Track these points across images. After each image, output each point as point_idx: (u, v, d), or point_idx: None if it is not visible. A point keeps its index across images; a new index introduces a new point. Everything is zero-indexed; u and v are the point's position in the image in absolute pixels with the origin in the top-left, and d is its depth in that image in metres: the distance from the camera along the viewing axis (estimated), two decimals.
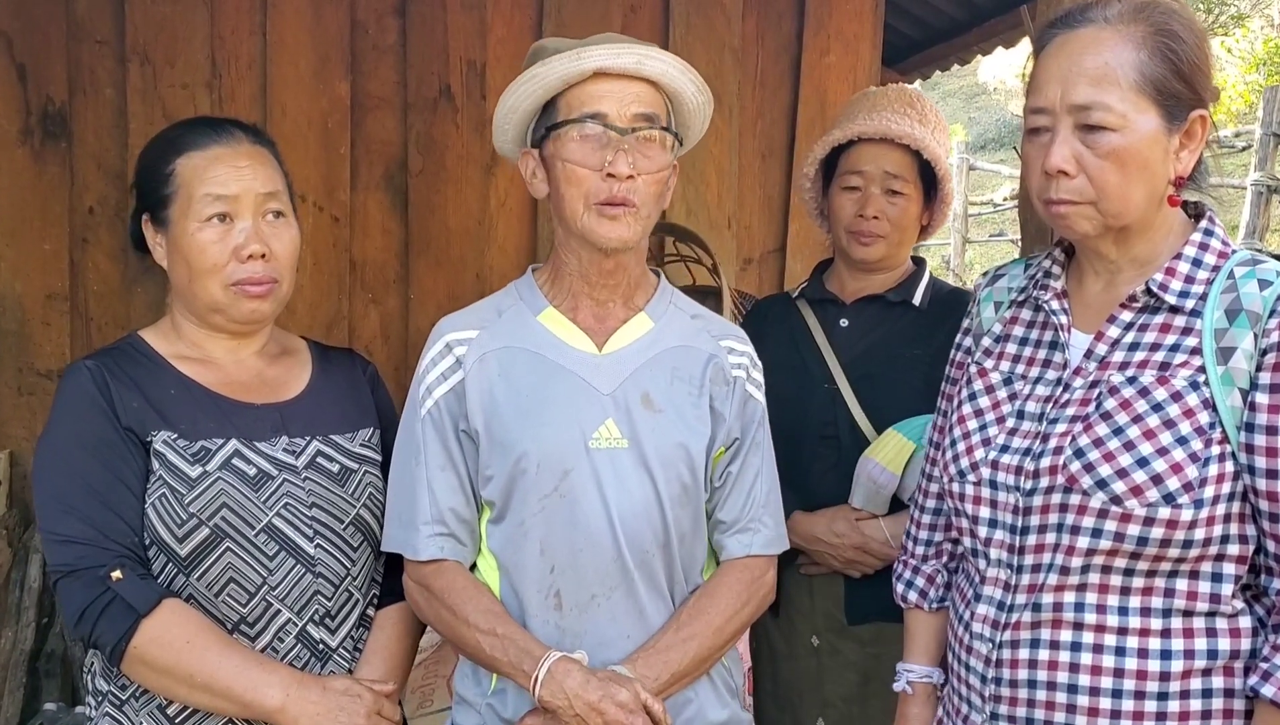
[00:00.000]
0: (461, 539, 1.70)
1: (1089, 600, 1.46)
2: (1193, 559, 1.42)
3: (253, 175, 1.70)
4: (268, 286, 1.71)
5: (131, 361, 1.72)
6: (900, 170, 2.25)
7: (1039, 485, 1.49)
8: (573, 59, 1.62)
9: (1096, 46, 1.43)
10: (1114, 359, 1.49)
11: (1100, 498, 1.42)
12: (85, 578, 1.58)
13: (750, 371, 1.77)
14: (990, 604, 1.56)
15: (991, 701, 1.55)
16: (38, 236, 3.20)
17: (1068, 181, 1.45)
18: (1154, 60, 1.42)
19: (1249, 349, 1.40)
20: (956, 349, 1.76)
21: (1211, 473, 1.40)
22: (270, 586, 1.66)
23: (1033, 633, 1.50)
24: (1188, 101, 1.44)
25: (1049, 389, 1.55)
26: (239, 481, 1.66)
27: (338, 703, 1.62)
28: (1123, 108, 1.42)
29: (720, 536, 1.75)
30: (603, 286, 1.72)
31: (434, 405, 1.69)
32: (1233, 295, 1.43)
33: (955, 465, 1.62)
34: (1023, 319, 1.65)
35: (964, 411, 1.64)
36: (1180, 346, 1.45)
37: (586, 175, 1.62)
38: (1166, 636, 1.44)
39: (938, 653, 1.79)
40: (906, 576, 1.82)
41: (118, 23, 3.21)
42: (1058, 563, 1.47)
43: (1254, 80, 13.05)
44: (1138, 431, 1.42)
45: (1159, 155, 1.44)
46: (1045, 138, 1.47)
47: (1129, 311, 1.50)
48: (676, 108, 1.72)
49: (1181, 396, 1.42)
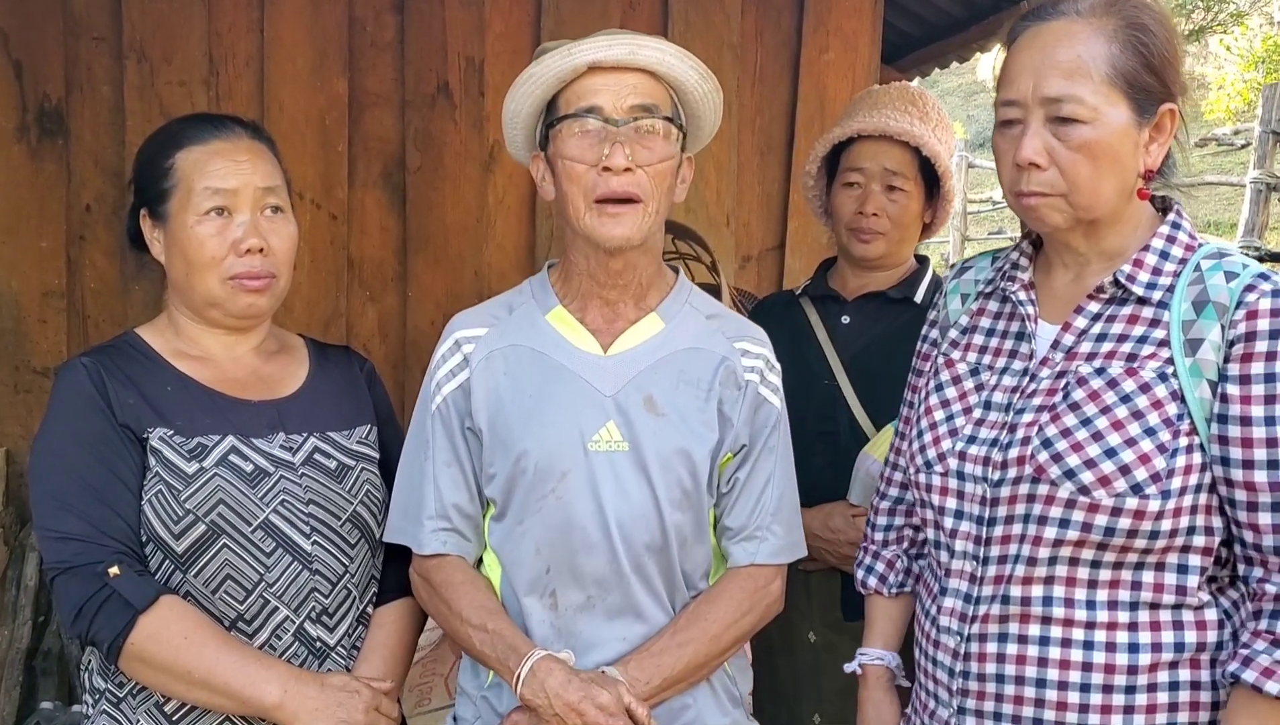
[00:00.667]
0: (466, 534, 1.70)
1: (1056, 593, 1.47)
2: (1159, 550, 1.43)
3: (252, 170, 1.70)
4: (265, 281, 1.71)
5: (128, 358, 1.71)
6: (900, 167, 2.26)
7: (1006, 476, 1.50)
8: (565, 55, 1.61)
9: (1068, 39, 1.44)
10: (1081, 350, 1.50)
11: (1068, 488, 1.43)
12: (82, 574, 1.58)
13: (765, 374, 1.72)
14: (956, 597, 1.56)
15: (959, 695, 1.55)
16: (34, 234, 3.19)
17: (1039, 174, 1.46)
18: (1125, 53, 1.43)
19: (1216, 340, 1.41)
20: (923, 341, 1.77)
21: (1179, 464, 1.41)
22: (267, 583, 1.66)
23: (1001, 626, 1.51)
24: (1158, 95, 1.46)
25: (1016, 379, 1.56)
26: (236, 478, 1.66)
27: (336, 699, 1.61)
28: (1094, 100, 1.43)
29: (726, 543, 1.73)
30: (612, 287, 1.69)
31: (442, 401, 1.70)
32: (1200, 287, 1.44)
33: (922, 456, 1.62)
34: (990, 310, 1.66)
35: (931, 402, 1.65)
36: (1148, 338, 1.46)
37: (584, 171, 1.61)
38: (1134, 630, 1.45)
39: (896, 638, 1.80)
40: (867, 562, 1.83)
41: (115, 19, 3.21)
42: (1024, 554, 1.48)
43: (1253, 78, 13.05)
44: (1106, 422, 1.43)
45: (1129, 148, 1.46)
46: (1016, 130, 1.48)
47: (1096, 302, 1.51)
48: (682, 98, 1.69)
49: (1150, 388, 1.43)
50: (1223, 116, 13.85)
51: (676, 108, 1.68)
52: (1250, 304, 1.39)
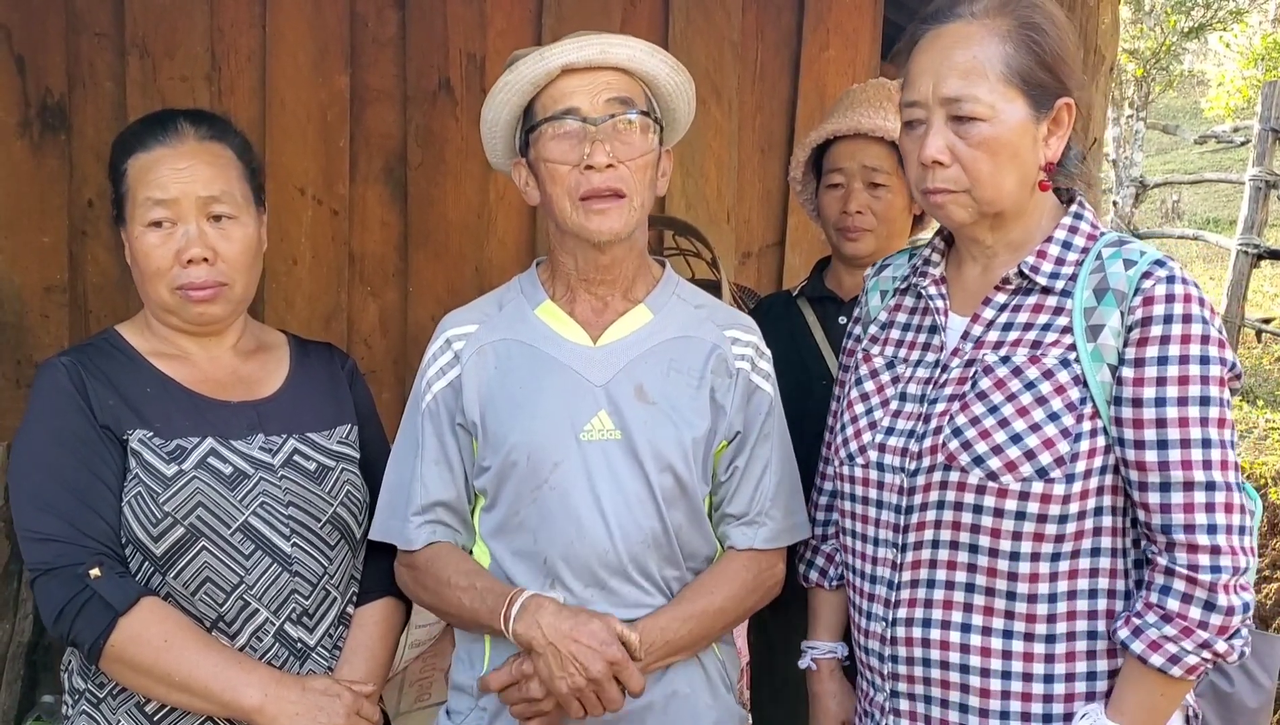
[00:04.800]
0: (454, 528, 1.72)
1: (978, 582, 1.51)
2: (1071, 535, 1.47)
3: (192, 177, 1.68)
4: (212, 291, 1.70)
5: (107, 358, 1.71)
6: (879, 163, 2.28)
7: (921, 465, 1.54)
8: (538, 60, 1.64)
9: (965, 41, 1.49)
10: (989, 339, 1.55)
11: (977, 474, 1.48)
12: (63, 575, 1.58)
13: (756, 361, 1.75)
14: (881, 583, 1.61)
15: (890, 679, 1.61)
16: (36, 229, 3.19)
17: (943, 171, 1.51)
18: (1019, 52, 1.48)
19: (1116, 326, 1.46)
20: (848, 337, 1.82)
21: (1083, 448, 1.46)
22: (247, 585, 1.66)
23: (925, 611, 1.56)
24: (1053, 90, 1.51)
25: (929, 371, 1.60)
26: (215, 480, 1.66)
27: (316, 702, 1.61)
28: (991, 99, 1.48)
29: (726, 528, 1.75)
30: (600, 282, 1.72)
31: (432, 399, 1.71)
32: (1100, 275, 1.49)
33: (845, 448, 1.67)
34: (905, 306, 1.71)
35: (852, 396, 1.70)
36: (1051, 326, 1.51)
37: (567, 171, 1.63)
38: (1052, 621, 1.49)
39: (839, 629, 1.84)
40: (807, 557, 1.87)
41: (117, 15, 3.20)
42: (943, 539, 1.53)
43: (1252, 75, 13.04)
44: (1011, 409, 1.48)
45: (1028, 143, 1.50)
46: (920, 130, 1.53)
47: (1003, 293, 1.56)
48: (656, 93, 1.72)
49: (1053, 374, 1.48)
50: (1222, 114, 13.84)
51: (651, 102, 1.71)
52: (1147, 291, 1.44)
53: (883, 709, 1.63)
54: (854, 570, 1.68)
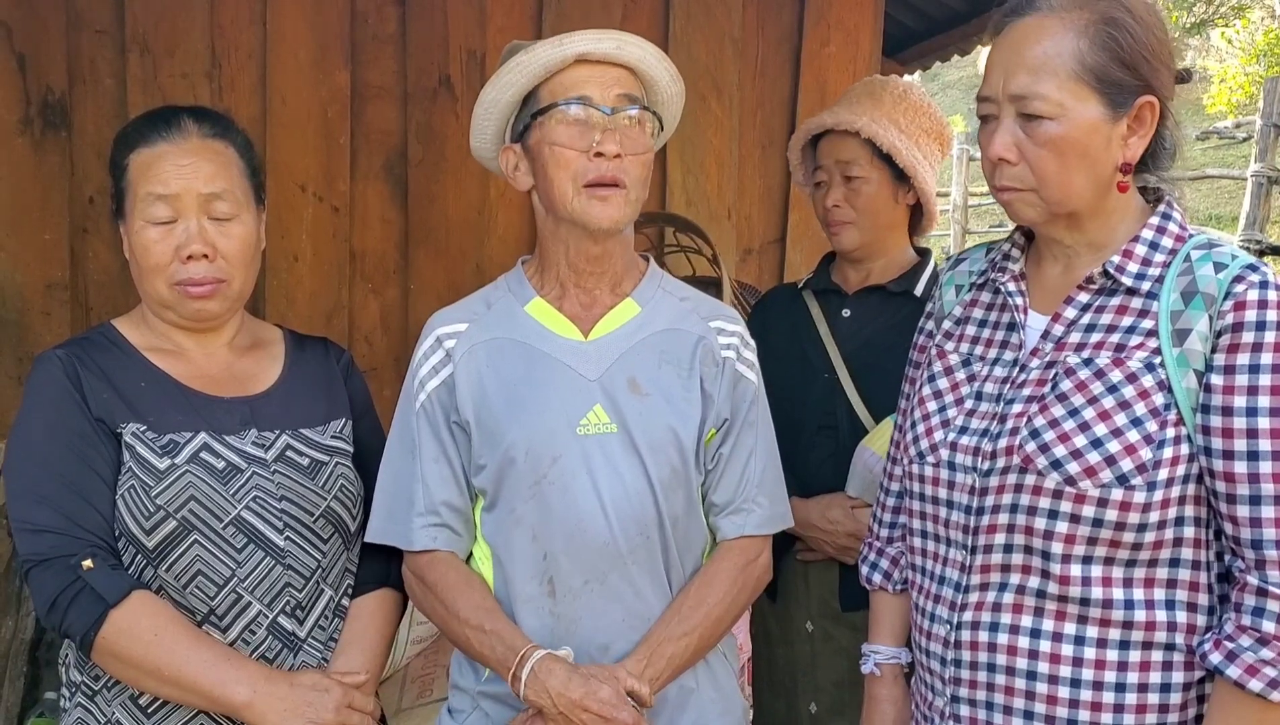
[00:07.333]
0: (456, 529, 1.72)
1: (1050, 589, 1.46)
2: (1150, 544, 1.42)
3: (194, 173, 1.68)
4: (211, 287, 1.70)
5: (102, 351, 1.72)
6: (851, 157, 2.30)
7: (995, 466, 1.50)
8: (555, 45, 1.65)
9: (1038, 35, 1.45)
10: (1070, 340, 1.50)
11: (1055, 478, 1.43)
12: (56, 567, 1.58)
13: (741, 351, 1.77)
14: (947, 585, 1.57)
15: (951, 684, 1.56)
16: (37, 226, 3.20)
17: (1010, 168, 1.48)
18: (1094, 48, 1.42)
19: (1204, 331, 1.40)
20: (919, 333, 1.78)
21: (1166, 455, 1.40)
22: (239, 579, 1.66)
23: (993, 614, 1.51)
24: (1133, 88, 1.44)
25: (1006, 370, 1.56)
26: (207, 474, 1.66)
27: (305, 698, 1.61)
28: (1059, 96, 1.43)
29: (715, 518, 1.76)
30: (590, 275, 1.73)
31: (426, 398, 1.71)
32: (1189, 277, 1.43)
33: (915, 446, 1.63)
34: (982, 302, 1.66)
35: (924, 393, 1.66)
36: (1136, 328, 1.45)
37: (575, 156, 1.64)
38: (1127, 628, 1.44)
39: (903, 634, 1.80)
40: (871, 558, 1.83)
41: (117, 12, 3.21)
42: (1016, 543, 1.48)
43: (1254, 71, 13.03)
44: (1093, 413, 1.43)
45: (1099, 143, 1.45)
46: (991, 126, 1.49)
47: (1086, 293, 1.51)
48: (651, 95, 1.75)
49: (1137, 378, 1.43)
50: (1224, 110, 13.84)
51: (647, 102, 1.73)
52: (1238, 295, 1.38)
53: (942, 714, 1.58)
54: (920, 570, 1.64)
